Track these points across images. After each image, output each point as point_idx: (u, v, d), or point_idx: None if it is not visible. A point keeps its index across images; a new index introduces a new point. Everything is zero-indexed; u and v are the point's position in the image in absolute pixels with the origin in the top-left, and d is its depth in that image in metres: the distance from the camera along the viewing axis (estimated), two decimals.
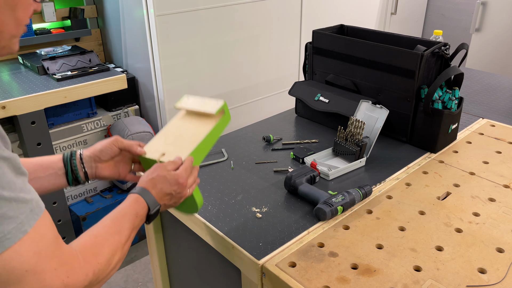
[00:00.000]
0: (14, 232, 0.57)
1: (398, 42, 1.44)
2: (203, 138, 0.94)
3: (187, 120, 1.00)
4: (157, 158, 0.91)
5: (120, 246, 0.74)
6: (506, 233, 1.02)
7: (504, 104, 1.76)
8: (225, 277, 1.14)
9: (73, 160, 0.92)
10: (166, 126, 1.00)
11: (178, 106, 1.02)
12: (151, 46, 2.19)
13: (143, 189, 0.83)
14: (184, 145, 0.94)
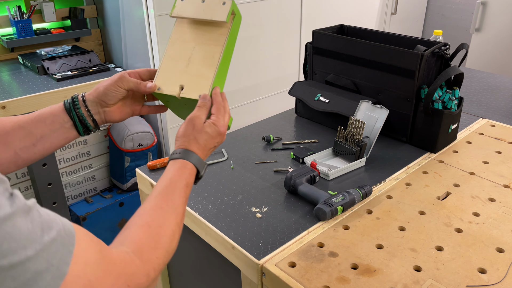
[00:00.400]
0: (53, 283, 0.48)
1: (398, 42, 1.44)
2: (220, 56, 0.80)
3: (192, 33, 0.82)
4: (177, 94, 0.79)
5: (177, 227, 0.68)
6: (506, 233, 1.02)
7: (504, 104, 1.76)
8: (225, 277, 1.14)
9: (78, 109, 0.82)
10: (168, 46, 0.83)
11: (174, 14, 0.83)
12: (151, 46, 2.19)
13: (186, 151, 0.75)
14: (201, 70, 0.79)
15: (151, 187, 1.25)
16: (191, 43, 0.82)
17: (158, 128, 2.42)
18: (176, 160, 0.75)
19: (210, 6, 0.80)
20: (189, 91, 0.78)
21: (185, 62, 0.81)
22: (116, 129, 2.27)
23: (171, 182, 0.71)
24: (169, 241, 0.65)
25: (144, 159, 2.33)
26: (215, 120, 0.80)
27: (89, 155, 2.32)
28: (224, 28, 0.80)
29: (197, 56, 0.81)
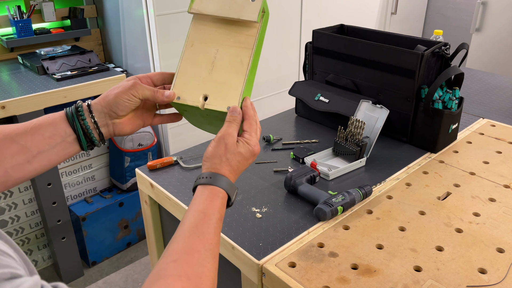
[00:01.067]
0: None
1: (398, 42, 1.44)
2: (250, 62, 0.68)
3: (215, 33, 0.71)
4: (200, 105, 0.69)
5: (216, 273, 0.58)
6: (507, 233, 1.01)
7: (505, 104, 1.76)
8: (225, 277, 1.14)
9: (83, 119, 0.70)
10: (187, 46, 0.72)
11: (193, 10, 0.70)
12: (151, 46, 2.18)
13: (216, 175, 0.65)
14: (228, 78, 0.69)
15: (151, 187, 1.25)
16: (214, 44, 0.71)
17: (158, 128, 2.42)
18: (205, 187, 0.64)
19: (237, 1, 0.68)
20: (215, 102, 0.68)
21: (208, 67, 0.70)
22: None
23: (205, 216, 0.61)
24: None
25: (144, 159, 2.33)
26: (249, 138, 0.70)
27: (89, 155, 2.32)
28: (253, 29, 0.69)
29: (222, 61, 0.70)
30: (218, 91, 0.68)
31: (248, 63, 0.68)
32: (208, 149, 0.68)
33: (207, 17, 0.70)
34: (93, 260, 2.35)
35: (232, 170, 0.67)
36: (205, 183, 0.65)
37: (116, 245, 2.41)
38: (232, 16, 0.68)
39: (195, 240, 0.57)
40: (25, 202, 2.13)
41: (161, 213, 1.34)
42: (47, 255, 2.32)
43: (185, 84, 0.70)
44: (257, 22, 0.68)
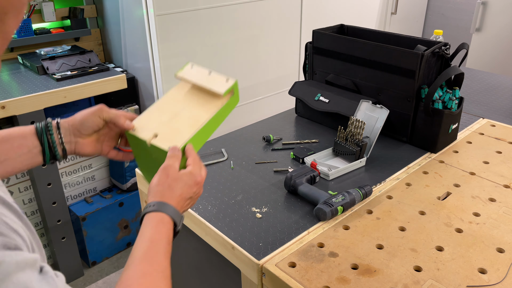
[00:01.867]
0: None
1: (398, 42, 1.44)
2: (205, 122, 0.79)
3: (188, 95, 0.84)
4: (148, 140, 0.77)
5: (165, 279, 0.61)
6: (507, 233, 1.01)
7: (505, 104, 1.76)
8: (225, 277, 1.14)
9: (51, 134, 0.77)
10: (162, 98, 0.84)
11: (179, 75, 0.85)
12: (151, 46, 2.18)
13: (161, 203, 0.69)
14: (181, 127, 0.79)
15: None
16: (183, 102, 0.83)
17: None
18: (151, 214, 0.67)
19: (214, 78, 0.83)
20: (161, 141, 0.76)
21: (170, 116, 0.81)
22: None
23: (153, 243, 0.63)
24: None
25: None
26: (192, 169, 0.74)
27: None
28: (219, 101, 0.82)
29: (183, 115, 0.80)
30: (168, 134, 0.77)
31: (203, 123, 0.79)
32: (152, 180, 0.72)
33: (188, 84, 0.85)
34: (93, 260, 2.35)
35: (176, 197, 0.70)
36: (151, 210, 0.68)
37: (116, 245, 2.41)
38: (205, 85, 0.82)
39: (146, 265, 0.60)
40: (25, 202, 2.13)
41: None
42: (47, 255, 2.32)
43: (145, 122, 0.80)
44: (222, 96, 0.81)
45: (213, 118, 0.81)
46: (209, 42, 2.36)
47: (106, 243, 2.36)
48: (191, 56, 2.31)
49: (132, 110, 2.43)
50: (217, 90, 0.81)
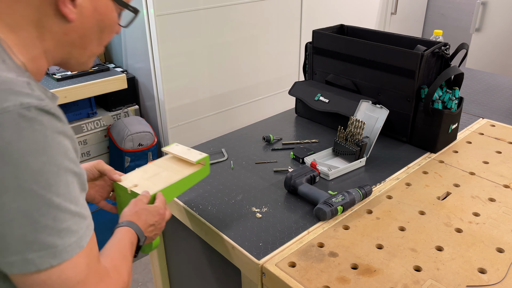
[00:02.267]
0: (73, 246, 0.60)
1: (398, 42, 1.44)
2: (176, 181, 1.00)
3: (170, 163, 1.08)
4: (128, 187, 0.97)
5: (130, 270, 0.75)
6: (506, 233, 1.01)
7: (504, 104, 1.76)
8: (225, 277, 1.14)
9: None
10: (148, 164, 1.08)
11: (165, 149, 1.10)
12: (151, 46, 2.19)
13: (129, 222, 0.85)
14: (157, 182, 0.99)
15: None
16: (164, 167, 1.06)
17: (158, 128, 2.42)
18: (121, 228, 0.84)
19: (191, 152, 1.07)
20: (138, 189, 0.96)
21: (151, 175, 1.03)
22: (116, 129, 2.27)
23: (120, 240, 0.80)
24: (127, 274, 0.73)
25: (144, 159, 2.33)
26: (157, 204, 0.92)
27: (89, 155, 2.32)
28: (191, 168, 1.04)
29: (161, 175, 1.03)
30: (145, 185, 0.97)
31: (174, 181, 0.99)
32: (124, 209, 0.89)
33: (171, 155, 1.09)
34: None
35: (141, 220, 0.86)
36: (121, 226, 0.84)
37: None
38: (183, 156, 1.06)
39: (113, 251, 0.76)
40: None
41: None
42: None
43: (130, 177, 1.01)
44: (194, 164, 1.04)
45: (184, 179, 1.01)
46: (209, 42, 2.36)
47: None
48: (191, 56, 2.31)
49: (132, 110, 2.44)
50: (190, 159, 1.04)
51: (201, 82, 2.42)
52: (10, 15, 0.62)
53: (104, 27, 0.72)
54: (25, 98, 0.56)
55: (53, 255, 0.58)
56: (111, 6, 0.71)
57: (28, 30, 0.64)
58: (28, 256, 0.56)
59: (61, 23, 0.66)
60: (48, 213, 0.57)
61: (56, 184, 0.57)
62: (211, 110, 2.53)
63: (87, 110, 2.26)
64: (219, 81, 2.50)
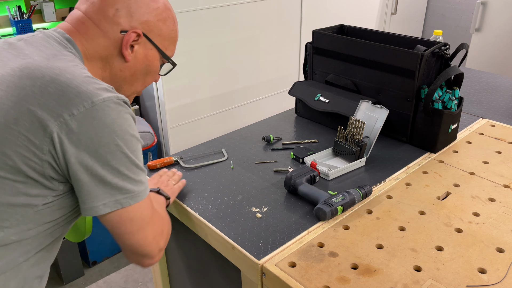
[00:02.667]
0: (143, 193, 0.84)
1: (398, 42, 1.44)
2: None
3: None
4: None
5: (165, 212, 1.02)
6: (506, 233, 1.02)
7: (504, 104, 1.76)
8: (225, 277, 1.14)
9: None
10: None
11: None
12: None
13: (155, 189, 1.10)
14: None
15: None
16: None
17: (158, 128, 2.42)
18: None
19: None
20: None
21: None
22: None
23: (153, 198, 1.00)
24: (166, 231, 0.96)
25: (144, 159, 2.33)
26: None
27: None
28: None
29: None
30: None
31: None
32: None
33: None
34: (94, 260, 2.35)
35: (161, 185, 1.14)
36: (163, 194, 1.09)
37: (116, 245, 2.41)
38: None
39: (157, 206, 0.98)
40: None
41: None
42: None
43: None
44: None
45: None
46: (209, 42, 2.36)
47: (107, 243, 2.36)
48: (191, 56, 2.31)
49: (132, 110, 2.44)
50: None
51: (201, 82, 2.42)
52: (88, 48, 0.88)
53: (149, 72, 0.96)
54: (117, 94, 0.81)
55: (132, 197, 0.81)
56: (157, 56, 0.95)
57: (96, 61, 0.90)
58: (117, 197, 0.80)
59: (120, 62, 0.91)
60: (131, 169, 0.81)
61: (136, 150, 0.82)
62: (211, 110, 2.53)
63: None
64: (219, 81, 2.51)
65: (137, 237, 0.84)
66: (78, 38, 0.88)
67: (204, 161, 1.35)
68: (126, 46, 0.89)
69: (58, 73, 0.78)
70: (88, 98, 0.76)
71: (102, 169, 0.78)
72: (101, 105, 0.77)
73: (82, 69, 0.83)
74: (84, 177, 0.78)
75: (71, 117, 0.75)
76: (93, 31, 0.88)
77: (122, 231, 0.83)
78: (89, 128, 0.76)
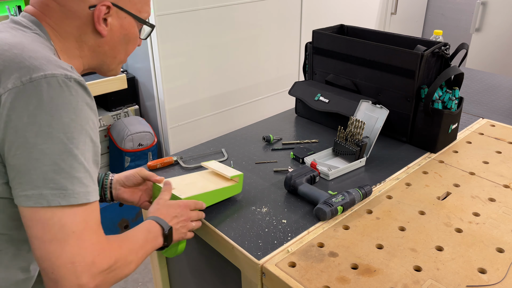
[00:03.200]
0: (80, 195, 0.70)
1: (398, 42, 1.44)
2: (208, 190, 1.07)
3: (207, 175, 1.17)
4: None
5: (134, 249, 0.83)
6: (506, 233, 1.02)
7: (504, 104, 1.76)
8: (225, 277, 1.14)
9: (106, 180, 1.07)
10: (188, 174, 1.17)
11: (204, 164, 1.20)
12: (151, 46, 2.19)
13: (152, 216, 0.94)
14: (192, 189, 1.07)
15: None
16: (200, 178, 1.15)
17: (158, 128, 2.42)
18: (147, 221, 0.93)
19: (227, 169, 1.16)
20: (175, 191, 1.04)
21: (189, 183, 1.12)
22: (116, 129, 2.27)
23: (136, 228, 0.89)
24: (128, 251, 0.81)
25: (144, 159, 2.33)
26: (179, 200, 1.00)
27: None
28: (225, 182, 1.12)
29: (198, 184, 1.12)
30: (181, 191, 1.06)
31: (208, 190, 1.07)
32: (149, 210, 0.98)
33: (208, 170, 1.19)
34: None
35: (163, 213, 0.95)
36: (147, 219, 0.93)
37: None
38: (220, 171, 1.15)
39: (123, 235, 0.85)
40: None
41: None
42: None
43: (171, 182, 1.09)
44: (229, 179, 1.13)
45: (215, 191, 1.09)
46: (209, 42, 2.36)
47: None
48: (191, 56, 2.31)
49: (132, 110, 2.44)
50: (226, 174, 1.13)
51: (201, 82, 2.42)
52: (58, 29, 0.83)
53: (129, 40, 0.91)
54: (69, 73, 0.73)
55: (63, 196, 0.69)
56: (133, 23, 0.89)
57: (70, 41, 0.84)
58: (44, 192, 0.68)
59: (96, 38, 0.86)
60: (67, 159, 0.69)
61: (77, 138, 0.71)
62: (211, 110, 2.53)
63: None
64: (219, 81, 2.51)
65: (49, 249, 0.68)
66: (45, 20, 0.82)
67: (204, 161, 1.35)
68: (99, 22, 0.83)
69: (6, 49, 0.74)
70: (27, 73, 0.70)
71: (29, 153, 0.68)
72: (40, 82, 0.69)
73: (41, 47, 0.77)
74: (11, 160, 0.69)
75: (7, 92, 0.69)
76: (60, 13, 0.82)
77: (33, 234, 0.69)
78: (21, 105, 0.68)
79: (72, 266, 0.68)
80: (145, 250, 0.86)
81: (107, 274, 0.73)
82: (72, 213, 0.70)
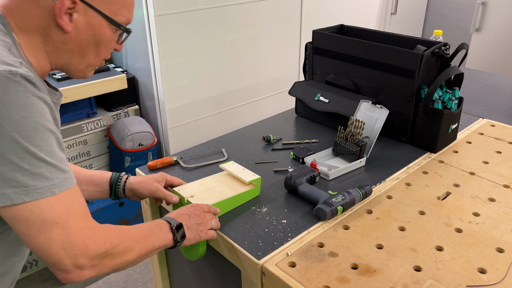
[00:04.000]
0: (44, 190, 0.71)
1: (398, 42, 1.44)
2: (228, 197, 1.08)
3: (225, 179, 1.18)
4: (185, 197, 1.07)
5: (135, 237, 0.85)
6: (506, 233, 1.02)
7: (504, 104, 1.76)
8: (225, 277, 1.14)
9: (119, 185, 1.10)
10: (206, 178, 1.18)
11: (222, 166, 1.20)
12: (151, 46, 2.19)
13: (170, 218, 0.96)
14: (211, 196, 1.09)
15: None
16: (219, 182, 1.17)
17: (158, 128, 2.42)
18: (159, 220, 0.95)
19: (246, 172, 1.16)
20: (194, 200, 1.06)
21: (206, 188, 1.13)
22: (116, 129, 2.27)
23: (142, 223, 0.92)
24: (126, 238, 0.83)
25: (144, 159, 2.33)
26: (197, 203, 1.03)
27: (89, 155, 2.32)
28: (243, 187, 1.13)
29: (216, 190, 1.13)
30: (201, 198, 1.08)
31: (227, 197, 1.09)
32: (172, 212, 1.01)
33: (226, 172, 1.20)
34: None
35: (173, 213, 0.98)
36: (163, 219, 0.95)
37: None
38: (237, 175, 1.15)
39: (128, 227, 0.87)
40: None
41: (161, 213, 1.34)
42: None
43: (189, 188, 1.13)
44: (247, 184, 1.13)
45: (235, 197, 1.10)
46: (209, 42, 2.36)
47: None
48: (191, 56, 2.31)
49: (132, 110, 2.44)
50: (244, 179, 1.13)
51: (201, 82, 2.42)
52: (23, 22, 0.78)
53: (99, 42, 0.84)
54: (14, 68, 0.69)
55: (26, 192, 0.69)
56: (105, 24, 0.83)
57: (35, 35, 0.79)
58: (5, 191, 0.68)
59: (60, 33, 0.80)
60: (25, 158, 0.69)
61: (33, 136, 0.70)
62: (211, 110, 2.53)
63: (87, 110, 2.26)
64: (219, 81, 2.51)
65: (37, 241, 0.72)
66: (10, 12, 0.78)
67: (204, 161, 1.35)
68: (59, 15, 0.77)
69: None
70: None
71: None
72: None
73: None
74: None
75: None
76: (24, 4, 0.77)
77: (20, 231, 0.72)
78: None
79: (65, 252, 0.73)
80: (150, 242, 0.87)
81: (104, 257, 0.77)
82: (49, 205, 0.71)
